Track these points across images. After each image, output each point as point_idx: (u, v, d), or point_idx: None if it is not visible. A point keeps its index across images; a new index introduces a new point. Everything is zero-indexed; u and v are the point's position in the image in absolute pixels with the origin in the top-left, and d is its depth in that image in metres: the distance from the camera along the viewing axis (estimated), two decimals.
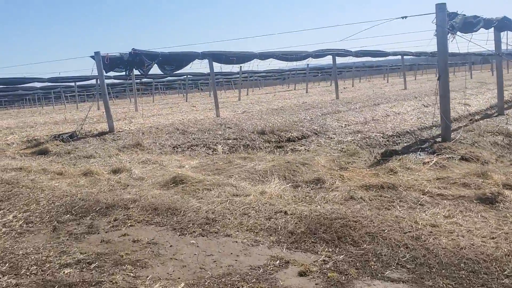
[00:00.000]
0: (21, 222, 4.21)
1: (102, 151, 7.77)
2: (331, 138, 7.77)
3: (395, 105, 12.79)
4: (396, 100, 15.23)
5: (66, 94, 36.70)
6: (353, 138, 7.57)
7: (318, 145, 7.34)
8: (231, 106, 17.28)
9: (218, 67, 12.87)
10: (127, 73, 10.39)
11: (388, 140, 7.51)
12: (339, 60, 18.05)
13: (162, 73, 11.22)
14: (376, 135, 7.73)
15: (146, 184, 5.29)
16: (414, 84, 27.29)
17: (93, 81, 23.95)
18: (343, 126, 9.59)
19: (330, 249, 3.13)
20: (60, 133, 10.20)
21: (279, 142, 8.26)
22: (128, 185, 5.30)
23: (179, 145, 7.83)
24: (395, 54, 21.58)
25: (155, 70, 10.78)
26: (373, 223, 3.49)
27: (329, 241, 3.26)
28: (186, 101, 27.14)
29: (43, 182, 5.76)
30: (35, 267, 3.14)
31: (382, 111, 11.58)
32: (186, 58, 11.46)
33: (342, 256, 3.01)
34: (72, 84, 25.49)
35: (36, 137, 10.10)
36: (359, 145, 6.98)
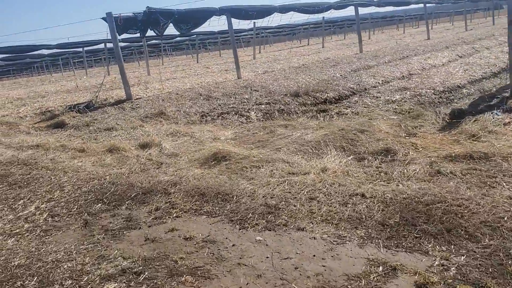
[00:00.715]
0: (45, 215, 3.59)
1: (123, 122, 7.09)
2: (376, 97, 6.97)
3: (429, 57, 11.83)
4: (426, 51, 14.21)
5: (74, 60, 35.80)
6: (401, 96, 6.76)
7: (364, 106, 6.56)
8: (248, 66, 16.35)
9: (235, 23, 11.91)
10: (142, 34, 9.54)
11: (441, 97, 6.71)
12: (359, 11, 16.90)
13: (178, 32, 10.35)
14: (426, 92, 6.90)
15: (182, 162, 4.62)
16: (433, 33, 25.92)
17: (101, 45, 23.05)
18: (381, 82, 8.75)
19: (443, 248, 2.45)
20: (76, 103, 9.51)
21: (316, 105, 7.49)
22: (162, 163, 4.63)
23: (207, 113, 7.10)
24: (417, 2, 20.23)
25: (169, 29, 9.96)
26: (483, 207, 2.79)
27: (436, 235, 2.57)
28: (198, 62, 26.19)
29: (65, 162, 5.12)
30: (70, 282, 2.51)
31: (417, 64, 10.66)
32: (203, 15, 10.54)
33: (463, 257, 2.33)
34: (80, 49, 24.58)
35: (50, 108, 9.44)
36: (413, 104, 6.18)
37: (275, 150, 4.60)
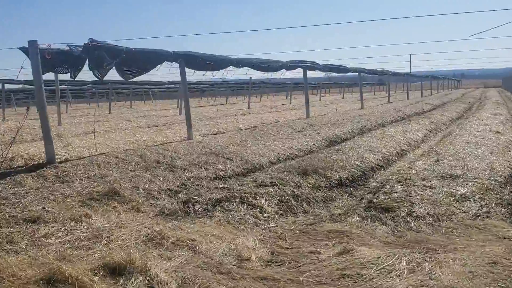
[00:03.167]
0: None
1: (54, 206, 4.40)
2: (419, 185, 5.15)
3: (404, 127, 10.62)
4: (386, 122, 13.27)
5: None
6: (465, 188, 5.01)
7: (408, 194, 4.70)
8: (182, 123, 14.07)
9: (189, 73, 9.76)
10: (73, 75, 6.94)
11: (504, 185, 5.14)
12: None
13: (121, 77, 7.90)
14: (483, 177, 5.26)
15: None
16: (357, 103, 25.95)
17: None
18: (383, 159, 7.10)
19: None
20: None
21: (331, 189, 5.52)
22: None
23: (193, 200, 4.69)
24: (355, 70, 19.90)
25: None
26: None
27: None
28: (110, 112, 23.15)
29: None
30: None
31: (402, 136, 9.32)
32: (156, 57, 8.29)
33: None
34: None
35: None
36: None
37: None
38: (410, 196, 4.65)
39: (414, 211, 4.19)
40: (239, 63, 11.00)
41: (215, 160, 6.80)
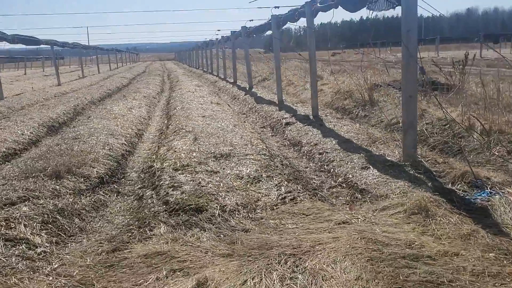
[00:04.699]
0: None
1: None
2: (201, 170, 4.53)
3: (126, 104, 9.72)
4: (96, 99, 12.02)
5: None
6: (247, 168, 4.67)
7: (198, 184, 4.11)
8: None
9: None
10: None
11: (272, 158, 5.13)
12: None
13: None
14: (253, 152, 5.08)
15: None
16: (49, 80, 23.19)
17: None
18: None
19: None
20: None
21: (94, 190, 4.32)
22: None
23: None
24: (47, 43, 17.33)
25: None
26: None
27: None
28: None
29: None
30: None
31: (131, 115, 8.47)
32: None
33: None
34: None
35: None
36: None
37: None
38: (204, 187, 4.04)
39: (225, 205, 3.62)
40: None
41: None
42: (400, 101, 8.24)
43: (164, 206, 3.69)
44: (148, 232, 3.26)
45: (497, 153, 5.00)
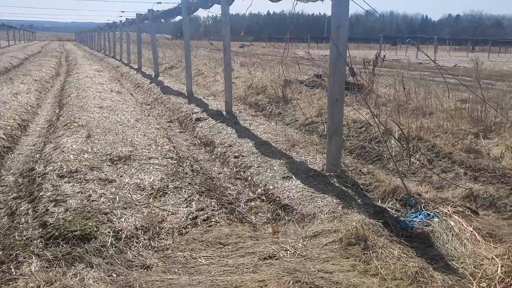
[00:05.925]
0: None
1: None
2: (93, 179, 3.70)
3: (11, 89, 8.29)
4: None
5: None
6: (150, 176, 3.89)
7: (88, 198, 3.32)
8: None
9: None
10: None
11: (180, 163, 4.43)
12: None
13: None
14: (157, 155, 4.31)
15: None
16: None
17: None
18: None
19: None
20: None
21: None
22: None
23: None
24: None
25: None
26: None
27: None
28: None
29: None
30: None
31: (16, 101, 7.17)
32: None
33: None
34: None
35: None
36: None
37: None
38: (95, 202, 3.25)
39: (120, 229, 2.87)
40: None
41: None
42: (313, 100, 8.01)
43: (41, 230, 2.84)
44: (13, 270, 2.43)
45: (418, 162, 4.81)
